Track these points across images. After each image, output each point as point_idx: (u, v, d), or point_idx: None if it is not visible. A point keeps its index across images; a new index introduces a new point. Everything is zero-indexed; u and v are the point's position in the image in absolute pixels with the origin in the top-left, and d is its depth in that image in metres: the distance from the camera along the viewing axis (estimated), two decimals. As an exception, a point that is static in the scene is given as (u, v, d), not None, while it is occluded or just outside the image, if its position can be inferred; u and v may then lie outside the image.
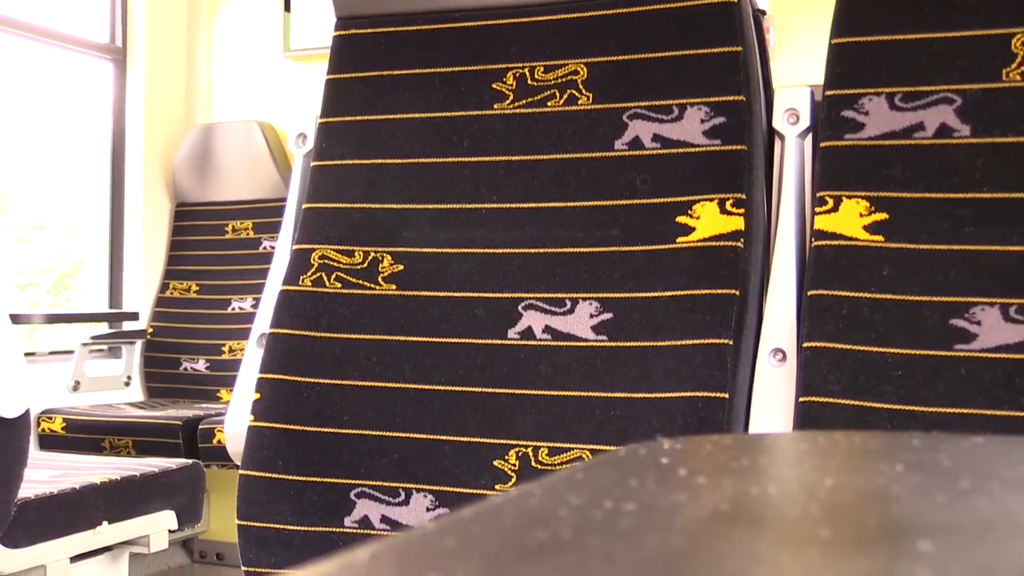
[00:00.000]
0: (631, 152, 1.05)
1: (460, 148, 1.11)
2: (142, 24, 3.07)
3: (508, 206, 1.08)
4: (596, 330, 1.02)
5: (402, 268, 1.10)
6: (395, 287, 1.10)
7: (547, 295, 1.04)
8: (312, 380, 1.09)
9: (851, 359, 0.93)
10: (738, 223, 1.00)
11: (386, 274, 1.11)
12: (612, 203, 1.04)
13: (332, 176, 1.16)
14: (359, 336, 1.09)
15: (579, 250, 1.04)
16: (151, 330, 2.99)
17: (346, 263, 1.12)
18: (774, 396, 0.97)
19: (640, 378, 0.98)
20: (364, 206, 1.13)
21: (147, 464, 1.94)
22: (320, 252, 1.13)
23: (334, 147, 1.16)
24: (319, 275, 1.12)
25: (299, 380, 1.09)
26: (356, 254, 1.12)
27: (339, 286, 1.11)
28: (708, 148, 1.02)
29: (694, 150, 1.03)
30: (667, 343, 0.98)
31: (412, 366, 1.06)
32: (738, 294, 0.98)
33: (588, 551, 0.23)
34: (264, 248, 2.90)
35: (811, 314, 0.96)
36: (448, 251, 1.09)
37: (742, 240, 0.99)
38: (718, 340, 0.96)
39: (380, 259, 1.11)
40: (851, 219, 0.97)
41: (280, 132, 3.04)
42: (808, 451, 0.37)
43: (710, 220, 1.00)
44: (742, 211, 1.00)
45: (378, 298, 1.10)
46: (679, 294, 0.99)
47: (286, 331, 1.11)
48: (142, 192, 3.05)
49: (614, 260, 1.03)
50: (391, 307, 1.09)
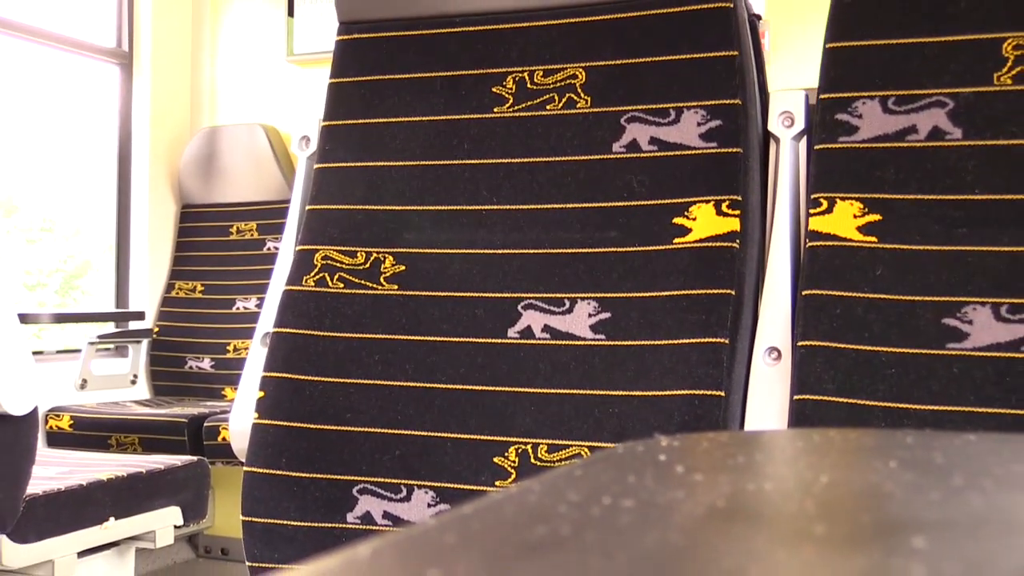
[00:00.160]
0: (629, 154, 1.05)
1: (461, 151, 1.11)
2: (148, 29, 3.07)
3: (508, 207, 1.08)
4: (594, 329, 1.01)
5: (404, 268, 1.10)
6: (397, 287, 1.10)
7: (546, 295, 1.04)
8: (315, 378, 1.09)
9: (845, 358, 0.93)
10: (734, 224, 1.00)
11: (388, 274, 1.11)
12: (610, 205, 1.04)
13: (335, 178, 1.15)
14: (361, 335, 1.09)
15: (578, 251, 1.04)
16: (157, 329, 2.99)
17: (349, 263, 1.12)
18: (769, 394, 0.97)
19: (638, 376, 0.98)
20: (366, 207, 1.13)
21: (153, 461, 1.94)
22: (323, 253, 1.13)
23: (337, 150, 1.16)
24: (322, 275, 1.12)
25: (302, 378, 1.09)
26: (358, 255, 1.12)
27: (342, 286, 1.11)
28: (704, 151, 1.02)
29: (691, 152, 1.03)
30: (664, 342, 0.98)
31: (413, 365, 1.06)
32: (734, 294, 0.98)
33: (587, 547, 0.23)
34: (268, 249, 2.90)
35: (806, 313, 0.96)
36: (449, 252, 1.09)
37: (738, 241, 0.99)
38: (714, 339, 0.96)
39: (382, 260, 1.11)
40: (845, 220, 0.97)
41: (284, 135, 3.04)
42: (803, 449, 0.37)
43: (706, 221, 1.00)
44: (738, 212, 1.00)
45: (380, 298, 1.10)
46: (676, 294, 0.99)
47: (290, 330, 1.11)
48: (148, 194, 3.05)
49: (612, 260, 1.03)
50: (393, 307, 1.09)
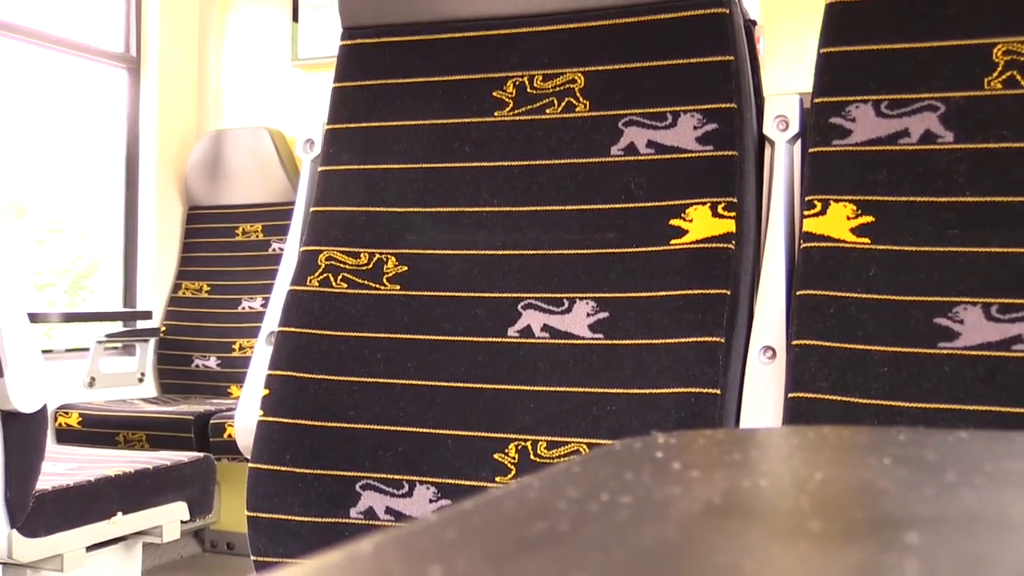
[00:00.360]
0: (627, 157, 1.05)
1: (462, 154, 1.11)
2: (155, 34, 3.07)
3: (508, 209, 1.08)
4: (593, 328, 1.01)
5: (406, 269, 1.10)
6: (399, 287, 1.10)
7: (545, 295, 1.04)
8: (319, 377, 1.08)
9: (838, 356, 0.93)
10: (729, 226, 1.00)
11: (390, 275, 1.10)
12: (608, 206, 1.04)
13: (338, 180, 1.15)
14: (364, 334, 1.09)
15: (576, 252, 1.04)
16: (164, 328, 2.99)
17: (352, 264, 1.12)
18: (764, 392, 0.97)
19: (635, 375, 0.98)
20: (369, 209, 1.13)
21: (160, 457, 1.94)
22: (327, 254, 1.13)
23: (340, 153, 1.16)
24: (326, 276, 1.12)
25: (306, 377, 1.09)
26: (361, 255, 1.12)
27: (345, 286, 1.11)
28: (701, 154, 1.02)
29: (687, 155, 1.03)
30: (661, 341, 0.98)
31: (415, 363, 1.06)
32: (729, 294, 0.98)
33: (585, 542, 0.23)
34: (273, 250, 2.90)
35: (800, 313, 0.96)
36: (450, 253, 1.09)
37: (733, 242, 0.99)
38: (710, 338, 0.96)
39: (385, 260, 1.11)
40: (839, 222, 0.97)
41: (288, 138, 3.04)
42: (798, 446, 0.37)
43: (703, 223, 1.00)
44: (733, 214, 1.00)
45: (383, 298, 1.10)
46: (673, 294, 0.99)
47: (294, 329, 1.11)
48: (155, 196, 3.05)
49: (610, 261, 1.03)
50: (395, 306, 1.09)
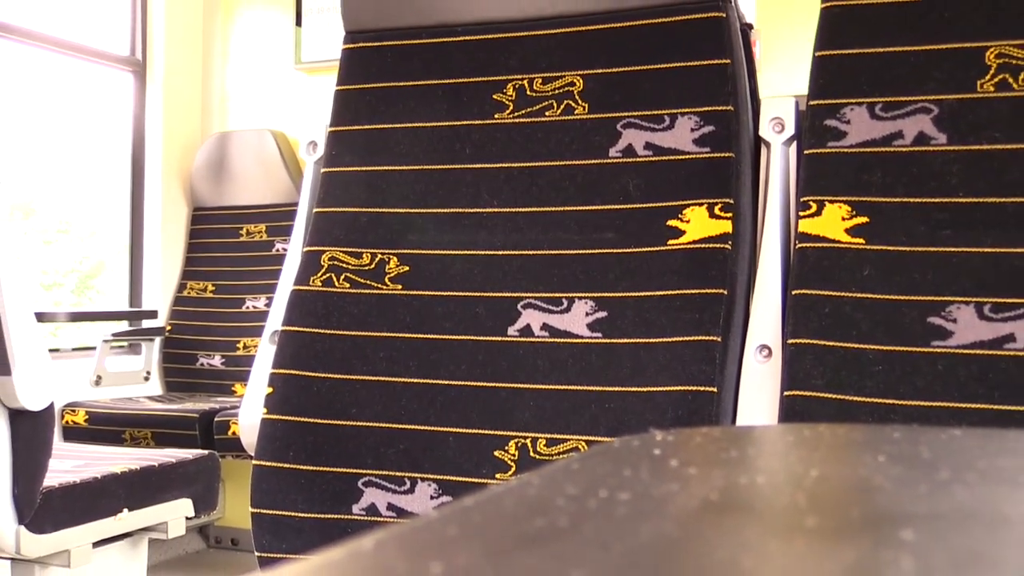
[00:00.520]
0: (625, 159, 1.05)
1: (463, 155, 1.11)
2: (161, 38, 3.07)
3: (508, 210, 1.08)
4: (591, 327, 1.01)
5: (407, 269, 1.10)
6: (401, 287, 1.10)
7: (545, 294, 1.04)
8: (322, 375, 1.08)
9: (833, 355, 0.93)
10: (726, 226, 0.99)
11: (392, 275, 1.10)
12: (607, 207, 1.04)
13: (341, 182, 1.15)
14: (367, 333, 1.09)
15: (575, 252, 1.04)
16: (169, 328, 2.99)
17: (354, 264, 1.12)
18: (760, 390, 0.97)
19: (633, 373, 0.98)
20: (371, 210, 1.13)
21: (165, 455, 1.94)
22: (330, 254, 1.13)
23: (343, 154, 1.16)
24: (329, 275, 1.12)
25: (310, 375, 1.09)
26: (364, 256, 1.12)
27: (348, 286, 1.11)
28: (698, 155, 1.02)
29: (684, 157, 1.03)
30: (659, 340, 0.98)
31: (417, 362, 1.06)
32: (726, 293, 0.98)
33: (584, 538, 0.23)
34: (277, 250, 2.90)
35: (795, 312, 0.96)
36: (451, 253, 1.09)
37: (730, 242, 0.99)
38: (707, 337, 0.96)
39: (387, 260, 1.11)
40: (834, 222, 0.97)
41: (292, 140, 3.04)
42: (794, 443, 0.37)
43: (700, 223, 1.00)
44: (730, 215, 1.00)
45: (385, 297, 1.10)
46: (670, 293, 0.99)
47: (297, 328, 1.11)
48: (161, 197, 3.05)
49: (608, 261, 1.03)
50: (397, 306, 1.09)
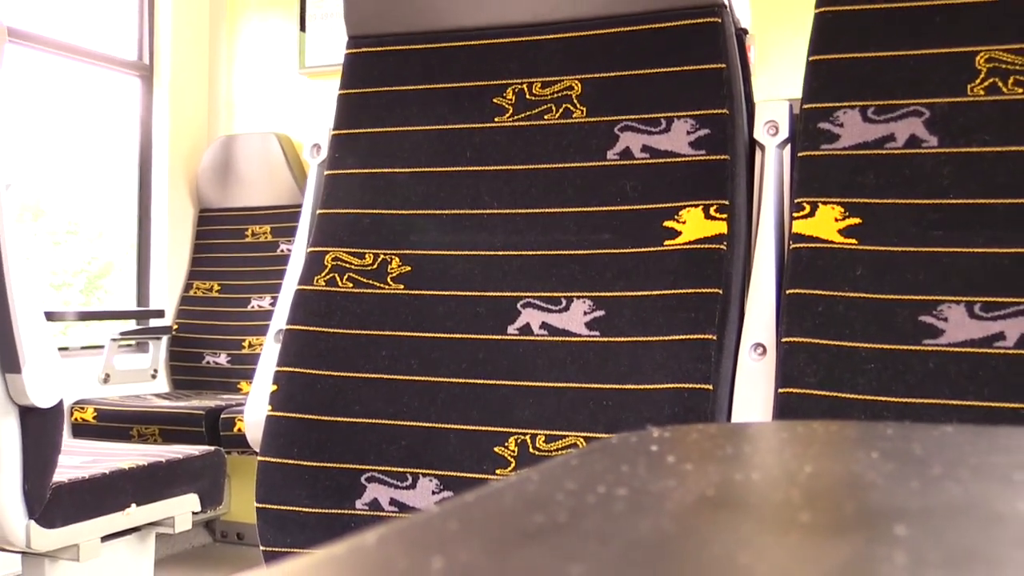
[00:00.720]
0: (622, 161, 1.05)
1: (464, 158, 1.11)
2: (167, 43, 3.07)
3: (508, 211, 1.08)
4: (589, 326, 1.01)
5: (409, 269, 1.10)
6: (403, 287, 1.10)
7: (544, 294, 1.04)
8: (326, 373, 1.08)
9: (827, 353, 0.93)
10: (721, 227, 0.99)
11: (394, 275, 1.10)
12: (604, 209, 1.04)
13: (344, 184, 1.15)
14: (369, 332, 1.09)
15: (573, 252, 1.04)
16: (176, 326, 2.99)
17: (357, 264, 1.12)
18: (755, 388, 0.97)
19: (630, 371, 0.98)
20: (374, 212, 1.13)
21: (172, 451, 1.94)
22: (333, 254, 1.13)
23: (346, 157, 1.16)
24: (332, 275, 1.12)
25: (313, 373, 1.09)
26: (367, 256, 1.12)
27: (351, 286, 1.11)
28: (694, 158, 1.02)
29: (681, 160, 1.03)
30: (655, 338, 0.98)
31: (419, 360, 1.06)
32: (721, 293, 0.98)
33: (583, 533, 0.23)
34: (281, 251, 2.90)
35: (789, 311, 0.96)
36: (452, 253, 1.09)
37: (725, 243, 0.99)
38: (703, 335, 0.96)
39: (389, 261, 1.11)
40: (827, 223, 0.97)
41: (296, 143, 3.04)
42: (788, 440, 0.37)
43: (695, 224, 1.00)
44: (725, 216, 1.00)
45: (387, 297, 1.10)
46: (666, 293, 0.99)
47: (301, 327, 1.11)
48: (168, 198, 3.05)
49: (606, 261, 1.03)
50: (399, 305, 1.09)
